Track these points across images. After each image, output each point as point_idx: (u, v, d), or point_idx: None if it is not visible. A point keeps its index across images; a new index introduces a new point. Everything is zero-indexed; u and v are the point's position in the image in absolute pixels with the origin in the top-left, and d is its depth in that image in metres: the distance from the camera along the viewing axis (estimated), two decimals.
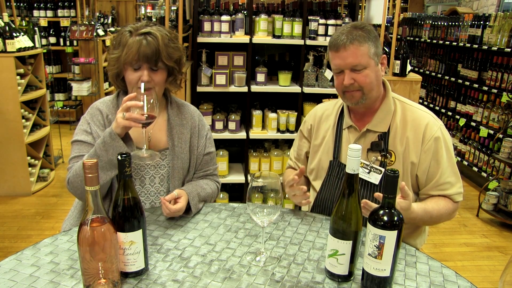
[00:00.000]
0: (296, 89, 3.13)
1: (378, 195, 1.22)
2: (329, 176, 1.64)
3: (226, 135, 3.16)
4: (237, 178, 3.23)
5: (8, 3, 4.67)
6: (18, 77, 3.56)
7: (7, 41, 3.46)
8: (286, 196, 1.53)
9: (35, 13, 5.79)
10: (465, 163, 4.54)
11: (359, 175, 1.49)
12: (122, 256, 1.09)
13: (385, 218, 1.04)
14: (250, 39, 3.02)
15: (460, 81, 4.71)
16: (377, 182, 1.52)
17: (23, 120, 3.66)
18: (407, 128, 1.53)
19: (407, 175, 1.53)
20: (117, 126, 1.37)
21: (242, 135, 3.17)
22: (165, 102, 1.66)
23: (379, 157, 1.53)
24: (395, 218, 1.05)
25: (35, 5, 5.80)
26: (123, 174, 1.06)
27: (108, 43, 5.27)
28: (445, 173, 1.51)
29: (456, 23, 4.92)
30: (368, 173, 1.53)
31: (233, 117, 3.13)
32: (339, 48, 1.45)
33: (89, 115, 1.57)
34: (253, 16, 3.04)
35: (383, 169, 1.51)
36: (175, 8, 3.95)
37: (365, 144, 1.56)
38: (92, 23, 4.73)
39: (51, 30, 5.93)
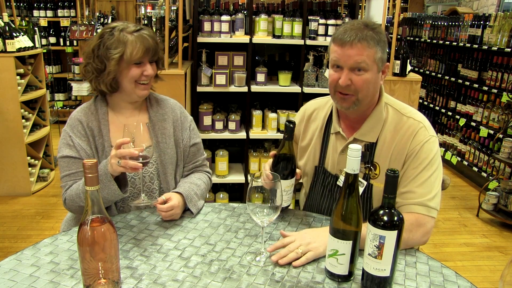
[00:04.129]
0: (296, 89, 3.13)
1: (282, 233, 1.33)
2: (314, 183, 1.59)
3: (226, 135, 3.16)
4: (237, 178, 3.23)
5: (8, 3, 4.67)
6: (18, 77, 3.56)
7: (7, 41, 3.46)
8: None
9: (35, 13, 5.80)
10: (465, 163, 4.54)
11: (341, 184, 1.46)
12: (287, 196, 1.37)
13: (385, 218, 1.04)
14: (250, 39, 3.02)
15: (460, 81, 4.70)
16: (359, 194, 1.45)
17: (23, 120, 3.66)
18: (396, 137, 1.42)
19: None
20: (113, 170, 1.34)
21: (242, 135, 3.17)
22: (145, 102, 1.66)
23: (363, 169, 1.45)
24: (395, 218, 1.05)
25: (35, 5, 5.81)
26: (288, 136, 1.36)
27: None
28: (414, 181, 1.37)
29: (456, 23, 4.91)
30: None
31: (233, 117, 3.13)
32: (345, 44, 1.33)
33: (69, 127, 1.55)
34: (253, 16, 3.04)
35: (365, 182, 1.45)
36: (175, 8, 3.95)
37: None
38: (92, 23, 4.73)
39: (51, 30, 5.94)
